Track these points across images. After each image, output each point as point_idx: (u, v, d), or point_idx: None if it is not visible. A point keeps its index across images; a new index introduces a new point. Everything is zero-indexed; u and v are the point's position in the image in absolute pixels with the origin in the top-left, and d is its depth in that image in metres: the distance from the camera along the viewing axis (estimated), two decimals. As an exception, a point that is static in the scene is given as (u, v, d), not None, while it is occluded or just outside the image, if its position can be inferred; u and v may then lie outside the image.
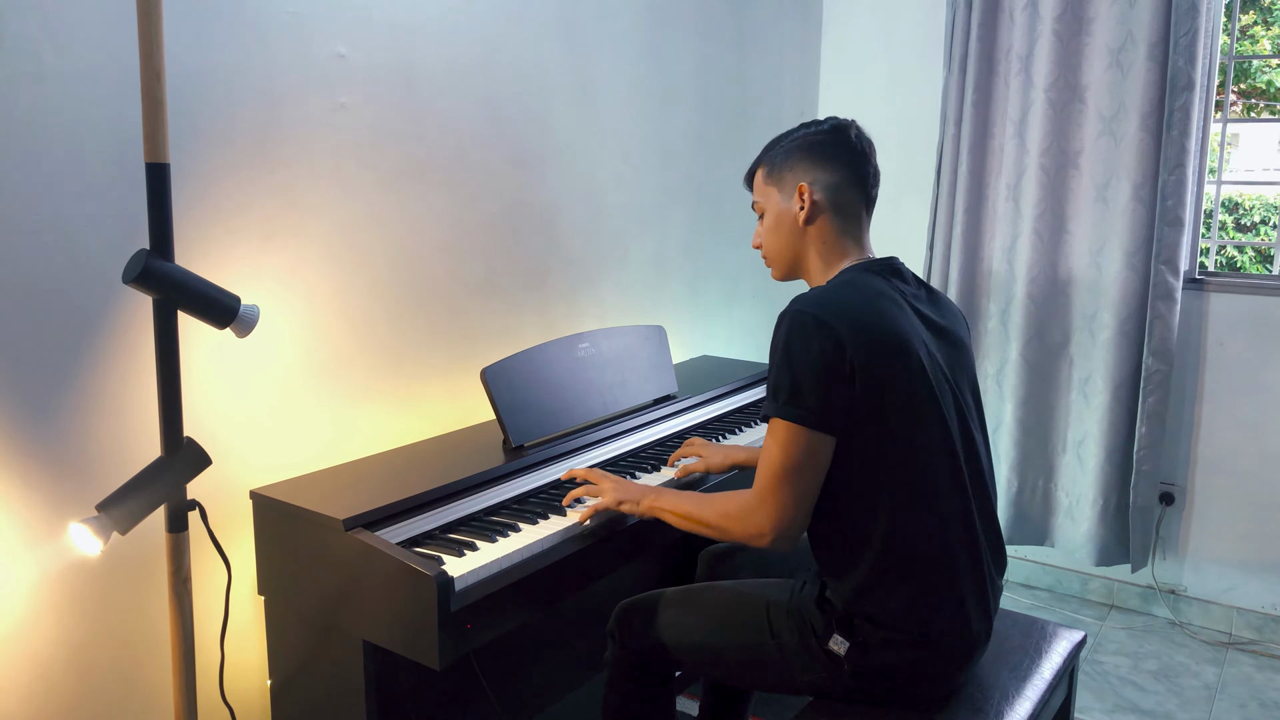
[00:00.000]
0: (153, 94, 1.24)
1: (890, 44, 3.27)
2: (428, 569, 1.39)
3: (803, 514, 1.39)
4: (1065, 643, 1.75)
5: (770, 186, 1.60)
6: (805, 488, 1.38)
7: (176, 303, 1.29)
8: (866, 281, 1.47)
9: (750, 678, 1.63)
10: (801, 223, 1.55)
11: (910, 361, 1.41)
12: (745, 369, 2.60)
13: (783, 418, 1.37)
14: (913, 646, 1.44)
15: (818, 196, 1.53)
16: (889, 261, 1.54)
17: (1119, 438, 2.82)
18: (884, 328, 1.40)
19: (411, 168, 1.98)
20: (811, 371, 1.36)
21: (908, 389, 1.41)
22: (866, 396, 1.37)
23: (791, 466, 1.37)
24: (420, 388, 2.06)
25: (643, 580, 2.38)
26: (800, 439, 1.36)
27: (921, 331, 1.47)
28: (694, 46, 2.76)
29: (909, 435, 1.41)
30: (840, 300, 1.41)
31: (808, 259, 1.58)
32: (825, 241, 1.55)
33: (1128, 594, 3.06)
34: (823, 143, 1.55)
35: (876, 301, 1.43)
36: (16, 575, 1.46)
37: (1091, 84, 2.79)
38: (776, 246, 1.61)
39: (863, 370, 1.36)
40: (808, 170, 1.54)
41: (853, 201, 1.55)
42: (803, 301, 1.40)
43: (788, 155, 1.57)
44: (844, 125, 1.56)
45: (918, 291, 1.55)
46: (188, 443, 1.34)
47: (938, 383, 1.45)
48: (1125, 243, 2.75)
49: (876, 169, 1.58)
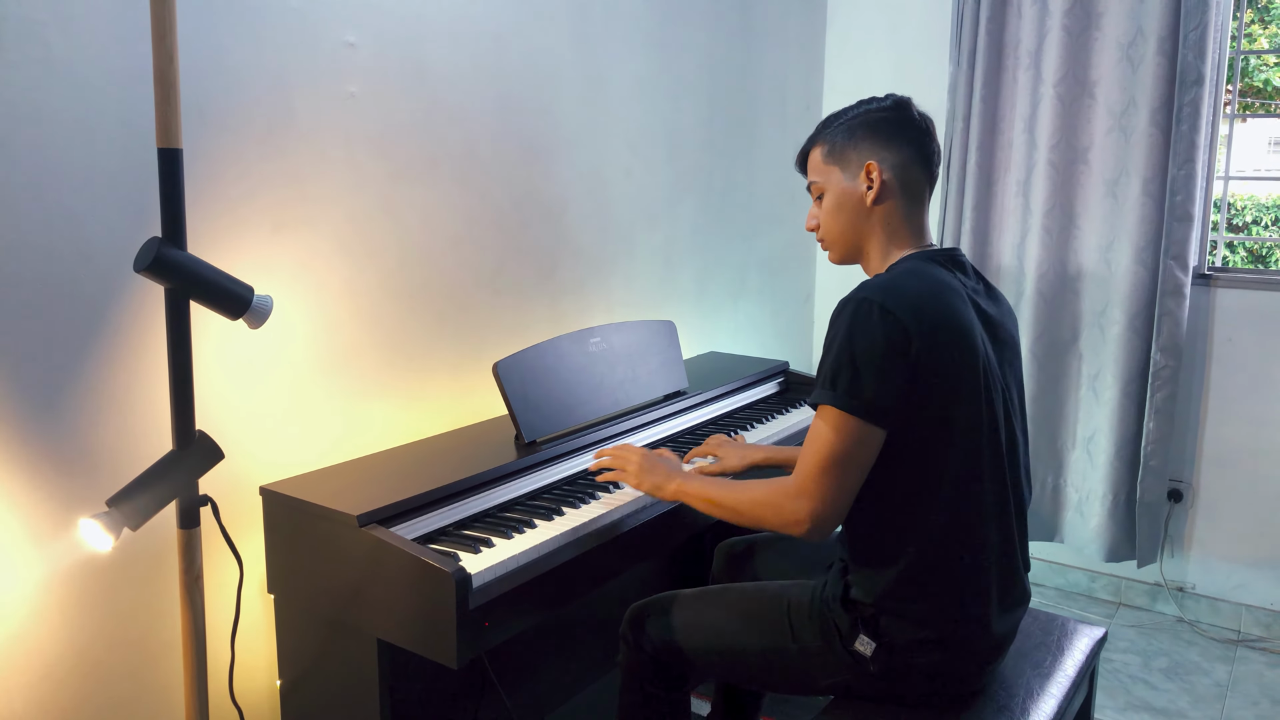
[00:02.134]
0: (165, 77, 1.21)
1: (896, 37, 3.25)
2: (445, 565, 1.36)
3: (843, 506, 1.36)
4: (1086, 639, 1.73)
5: (831, 166, 1.53)
6: (849, 480, 1.35)
7: (189, 292, 1.26)
8: (931, 272, 1.43)
9: (770, 680, 1.60)
10: (869, 203, 1.49)
11: (972, 357, 1.38)
12: (753, 365, 2.58)
13: (838, 407, 1.33)
14: (941, 647, 1.41)
15: (886, 176, 1.48)
16: (951, 253, 1.50)
17: (1128, 433, 2.81)
18: (949, 321, 1.37)
19: (422, 159, 1.95)
20: (873, 362, 1.32)
21: (967, 385, 1.38)
22: (927, 390, 1.34)
23: (840, 456, 1.34)
24: (430, 382, 2.03)
25: (653, 579, 2.35)
26: (853, 429, 1.33)
27: (981, 328, 1.43)
28: (701, 40, 2.73)
29: (963, 432, 1.38)
30: (906, 290, 1.37)
31: (870, 242, 1.52)
32: (890, 224, 1.50)
33: (1136, 591, 3.05)
34: (887, 120, 1.50)
35: (942, 293, 1.39)
36: (24, 572, 1.42)
37: (1101, 79, 2.77)
38: (838, 228, 1.54)
39: (926, 363, 1.33)
40: (874, 148, 1.49)
41: (918, 181, 1.50)
42: (868, 289, 1.36)
43: (851, 133, 1.51)
44: (905, 101, 1.52)
45: (977, 285, 1.52)
46: (200, 436, 1.30)
47: (993, 381, 1.42)
48: (1135, 238, 2.74)
49: (938, 147, 1.53)
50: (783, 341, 3.36)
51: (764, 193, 3.12)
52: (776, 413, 2.34)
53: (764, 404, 2.44)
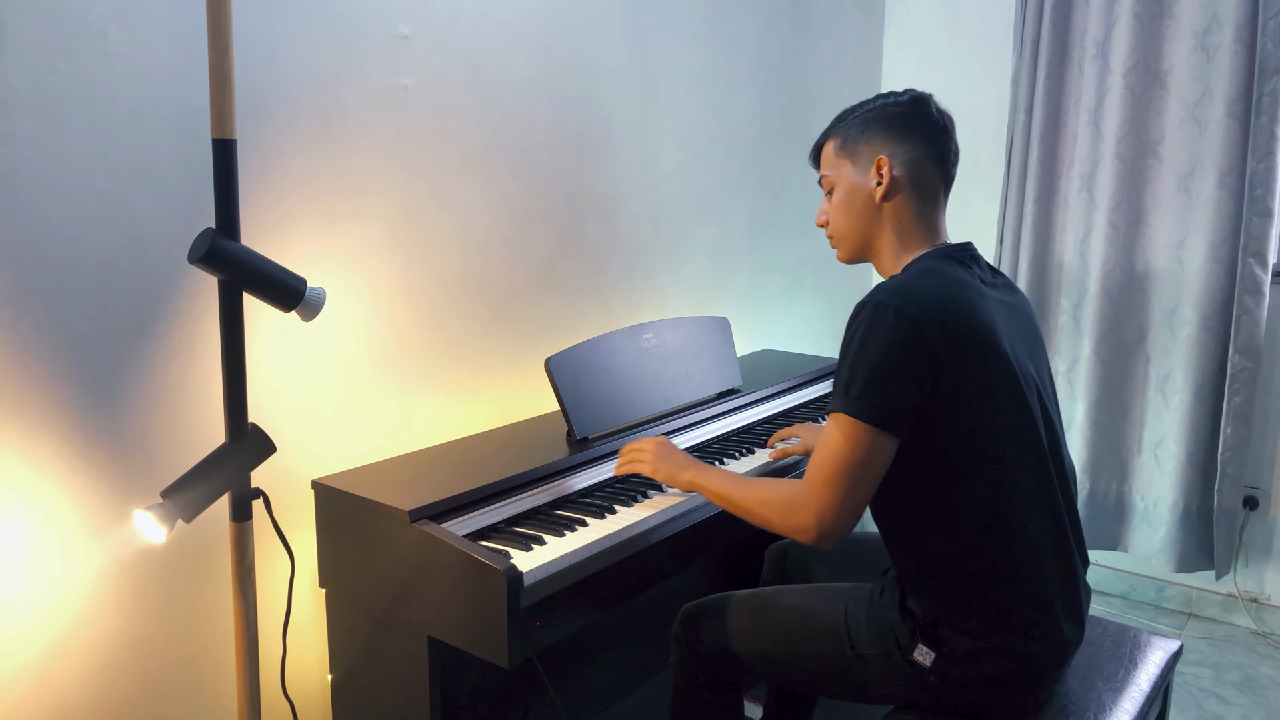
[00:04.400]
0: (220, 69, 1.20)
1: (956, 29, 3.17)
2: (496, 563, 1.34)
3: (852, 516, 1.31)
4: (1160, 653, 1.65)
5: (843, 159, 1.49)
6: (860, 489, 1.29)
7: (242, 284, 1.25)
8: (948, 270, 1.38)
9: (825, 687, 1.55)
10: (878, 199, 1.45)
11: (997, 356, 1.32)
12: (809, 363, 2.53)
13: (851, 414, 1.28)
14: (1004, 656, 1.35)
15: (897, 171, 1.44)
16: (965, 247, 1.45)
17: (1200, 439, 2.70)
18: (970, 321, 1.31)
19: (475, 153, 1.93)
20: (889, 368, 1.27)
21: (994, 385, 1.32)
22: (952, 394, 1.29)
23: (850, 466, 1.28)
24: (482, 377, 2.01)
25: (703, 579, 2.31)
26: (865, 438, 1.27)
27: (1004, 323, 1.38)
28: (756, 33, 2.69)
29: (995, 434, 1.32)
30: (924, 291, 1.32)
31: (880, 240, 1.48)
32: (900, 222, 1.45)
33: (1207, 602, 2.93)
34: (902, 114, 1.45)
35: (960, 292, 1.34)
36: (82, 563, 1.43)
37: (1174, 68, 2.67)
38: (846, 224, 1.50)
39: (948, 366, 1.28)
40: (886, 143, 1.45)
41: (932, 180, 1.45)
42: (884, 292, 1.31)
43: (864, 126, 1.47)
44: (924, 97, 1.47)
45: (994, 279, 1.46)
46: (252, 429, 1.30)
47: (1023, 378, 1.36)
48: (1210, 234, 2.62)
49: (957, 147, 1.48)
50: (839, 339, 3.28)
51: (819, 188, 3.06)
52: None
53: (820, 404, 2.38)
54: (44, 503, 1.38)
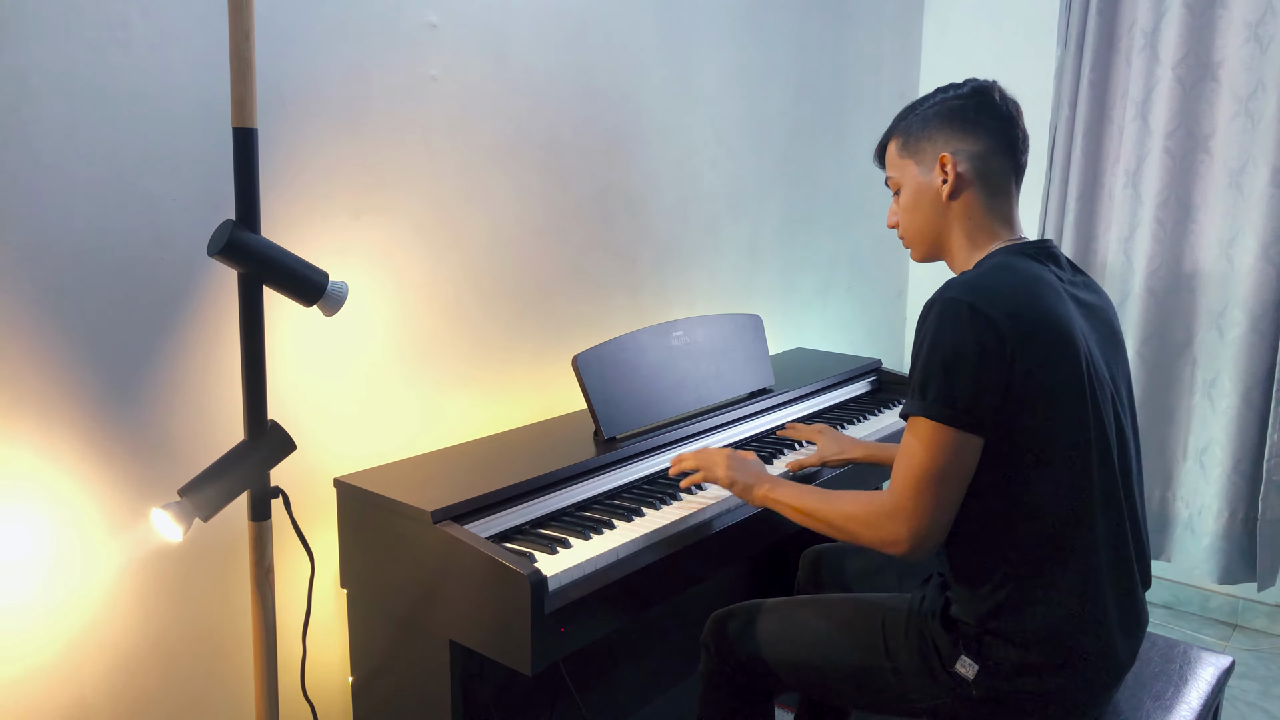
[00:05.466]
0: (241, 54, 1.17)
1: (998, 20, 3.08)
2: (520, 567, 1.30)
3: (944, 523, 1.25)
4: (1211, 669, 1.58)
5: (906, 159, 1.45)
6: (949, 494, 1.24)
7: (262, 277, 1.21)
8: (1023, 266, 1.32)
9: (860, 699, 1.50)
10: (945, 198, 1.40)
11: (1073, 356, 1.26)
12: (842, 363, 2.46)
13: (930, 417, 1.23)
14: (1052, 671, 1.29)
15: (962, 168, 1.38)
16: (1044, 245, 1.39)
17: (1249, 445, 2.60)
18: (1045, 318, 1.25)
19: (503, 146, 1.89)
20: (965, 366, 1.21)
21: (1068, 386, 1.26)
22: (1023, 393, 1.23)
23: (937, 471, 1.23)
24: (508, 374, 1.97)
25: (733, 584, 2.26)
26: (948, 441, 1.22)
27: (1081, 323, 1.32)
28: (791, 25, 2.62)
29: (1065, 436, 1.26)
30: (997, 286, 1.26)
31: (951, 238, 1.42)
32: (971, 218, 1.40)
33: (1254, 613, 2.83)
34: (964, 107, 1.40)
35: (1035, 288, 1.28)
36: (101, 560, 1.41)
37: (1226, 60, 2.57)
38: (916, 225, 1.45)
39: (1022, 364, 1.22)
40: (949, 139, 1.40)
41: (1001, 171, 1.40)
42: (955, 288, 1.25)
43: (925, 124, 1.42)
44: (986, 87, 1.42)
45: (1074, 278, 1.40)
46: (272, 426, 1.26)
47: (1098, 380, 1.30)
48: (1262, 233, 2.53)
49: (1025, 133, 1.42)
50: (873, 339, 3.23)
51: (854, 185, 2.99)
52: (868, 413, 2.22)
53: (855, 404, 2.32)
54: (63, 498, 1.36)
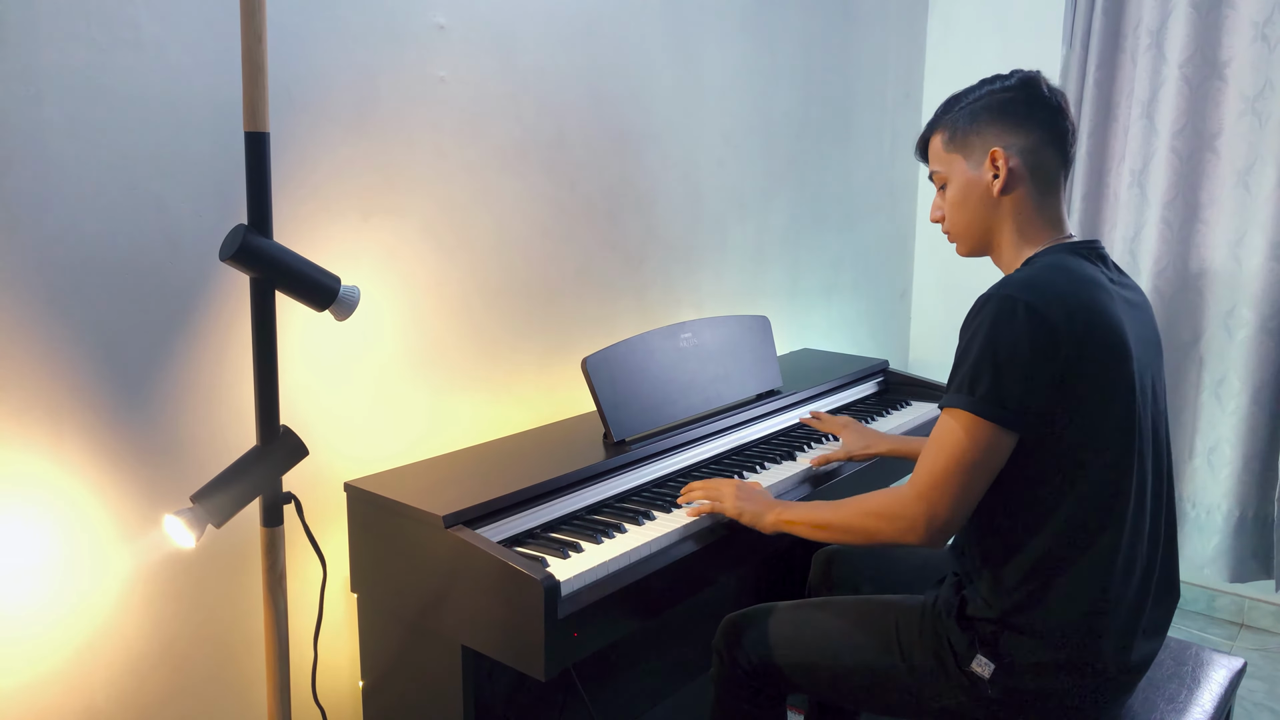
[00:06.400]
0: (253, 57, 1.16)
1: (1003, 20, 3.08)
2: (534, 572, 1.29)
3: (964, 513, 1.26)
4: (1224, 671, 1.58)
5: (954, 154, 1.42)
6: (975, 487, 1.25)
7: (274, 282, 1.21)
8: (1076, 266, 1.31)
9: (874, 700, 1.49)
10: (996, 193, 1.38)
11: (1125, 359, 1.26)
12: (850, 363, 2.46)
13: (976, 412, 1.22)
14: (1067, 671, 1.29)
15: (1014, 163, 1.37)
16: (1093, 244, 1.38)
17: (1258, 444, 2.60)
18: (1101, 320, 1.25)
19: (511, 147, 1.89)
20: (1017, 364, 1.21)
21: (1118, 388, 1.26)
22: (1076, 395, 1.23)
23: (969, 464, 1.23)
24: (517, 376, 1.97)
25: (743, 586, 2.25)
26: (988, 436, 1.23)
27: (1131, 326, 1.31)
28: (798, 25, 2.61)
29: (1110, 437, 1.26)
30: (1054, 286, 1.25)
31: (1001, 234, 1.41)
32: (1022, 214, 1.38)
33: (1261, 612, 2.83)
34: (1013, 100, 1.38)
35: (1091, 290, 1.27)
36: (111, 565, 1.40)
37: (1233, 59, 2.56)
38: (964, 220, 1.43)
39: (1076, 366, 1.22)
40: (999, 133, 1.38)
41: (1051, 165, 1.38)
42: (1011, 286, 1.25)
43: (974, 117, 1.40)
44: (1033, 78, 1.40)
45: (1120, 279, 1.39)
46: (284, 432, 1.26)
47: (1140, 385, 1.29)
48: (1270, 232, 2.52)
49: (1074, 124, 1.41)
50: (878, 339, 3.22)
51: (860, 184, 2.99)
52: (876, 414, 2.22)
53: (863, 405, 2.32)
54: (73, 503, 1.35)
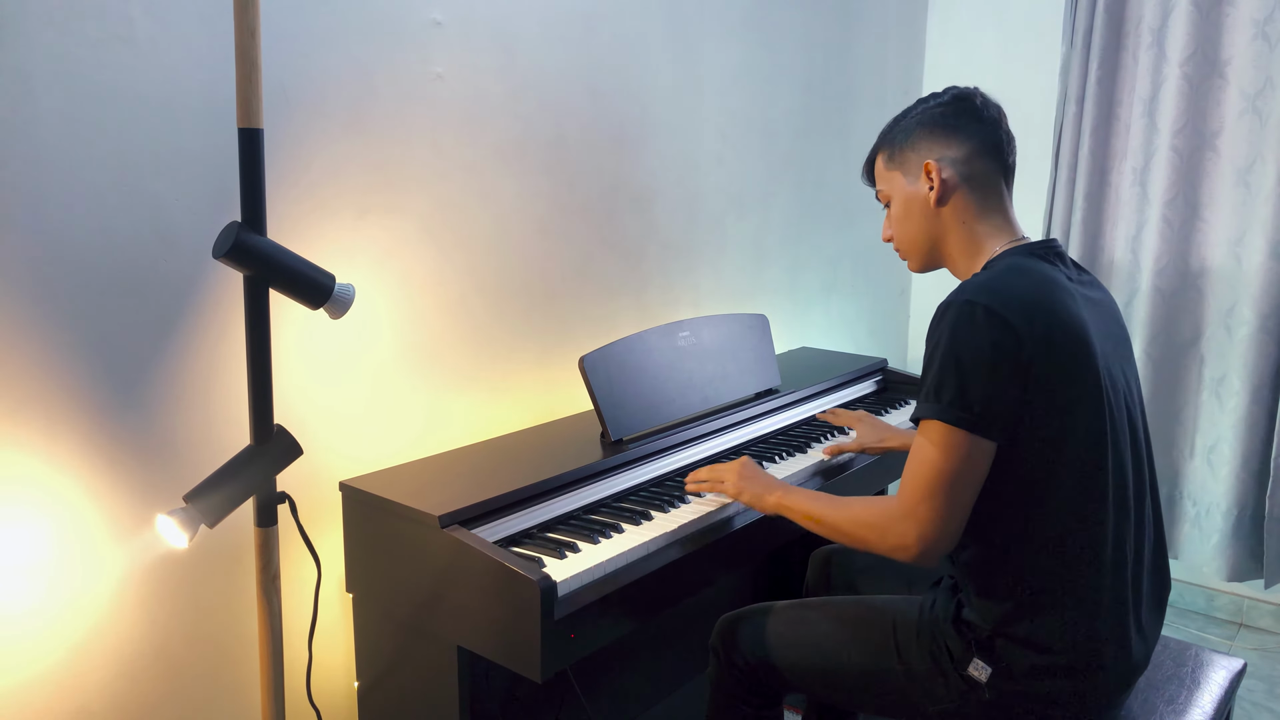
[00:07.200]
0: (247, 53, 1.15)
1: (1003, 18, 3.07)
2: (530, 572, 1.28)
3: (955, 528, 1.24)
4: (1223, 672, 1.57)
5: (893, 171, 1.45)
6: (961, 499, 1.23)
7: (269, 280, 1.20)
8: (1035, 267, 1.31)
9: (871, 703, 1.49)
10: (934, 204, 1.40)
11: (1089, 357, 1.25)
12: (848, 362, 2.45)
13: (945, 420, 1.21)
14: (1066, 675, 1.28)
15: (946, 173, 1.38)
16: (1049, 244, 1.38)
17: (1257, 443, 2.59)
18: (1061, 320, 1.24)
19: (509, 145, 1.87)
20: (980, 369, 1.20)
21: (1085, 387, 1.25)
22: (1043, 397, 1.22)
23: (949, 475, 1.21)
24: (514, 375, 1.96)
25: (740, 587, 2.25)
26: (962, 445, 1.21)
27: (1095, 324, 1.30)
28: (797, 22, 2.60)
29: (1082, 438, 1.25)
30: (1012, 289, 1.25)
31: (947, 244, 1.42)
32: (965, 222, 1.40)
33: (1259, 612, 2.82)
34: (944, 114, 1.40)
35: (1051, 290, 1.27)
36: (105, 566, 1.39)
37: (1234, 58, 2.55)
38: (910, 235, 1.45)
39: (1038, 367, 1.21)
40: (932, 146, 1.40)
41: (987, 171, 1.39)
42: (970, 290, 1.24)
43: (908, 134, 1.43)
44: (967, 93, 1.42)
45: (1080, 276, 1.39)
46: (278, 431, 1.25)
47: (1111, 382, 1.28)
48: (1270, 231, 2.52)
49: (1010, 134, 1.42)
50: (876, 338, 3.22)
51: (859, 182, 2.95)
52: (875, 413, 2.21)
53: (861, 404, 2.31)
54: (66, 503, 1.34)
